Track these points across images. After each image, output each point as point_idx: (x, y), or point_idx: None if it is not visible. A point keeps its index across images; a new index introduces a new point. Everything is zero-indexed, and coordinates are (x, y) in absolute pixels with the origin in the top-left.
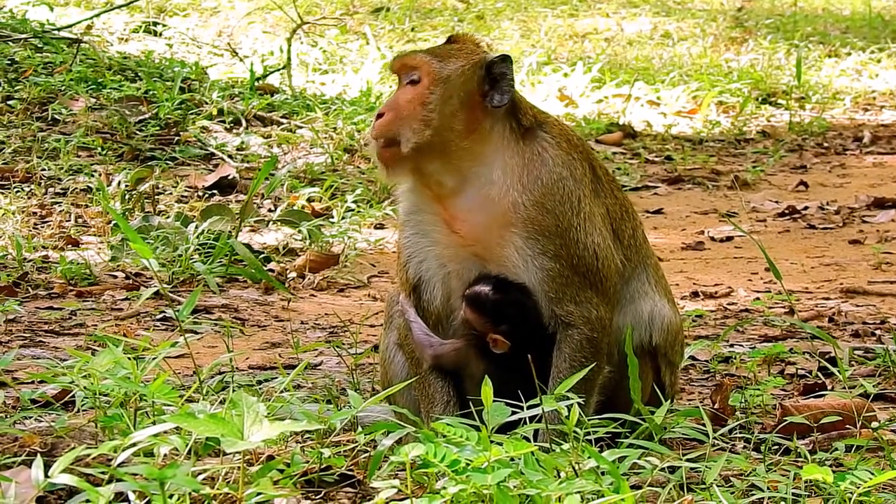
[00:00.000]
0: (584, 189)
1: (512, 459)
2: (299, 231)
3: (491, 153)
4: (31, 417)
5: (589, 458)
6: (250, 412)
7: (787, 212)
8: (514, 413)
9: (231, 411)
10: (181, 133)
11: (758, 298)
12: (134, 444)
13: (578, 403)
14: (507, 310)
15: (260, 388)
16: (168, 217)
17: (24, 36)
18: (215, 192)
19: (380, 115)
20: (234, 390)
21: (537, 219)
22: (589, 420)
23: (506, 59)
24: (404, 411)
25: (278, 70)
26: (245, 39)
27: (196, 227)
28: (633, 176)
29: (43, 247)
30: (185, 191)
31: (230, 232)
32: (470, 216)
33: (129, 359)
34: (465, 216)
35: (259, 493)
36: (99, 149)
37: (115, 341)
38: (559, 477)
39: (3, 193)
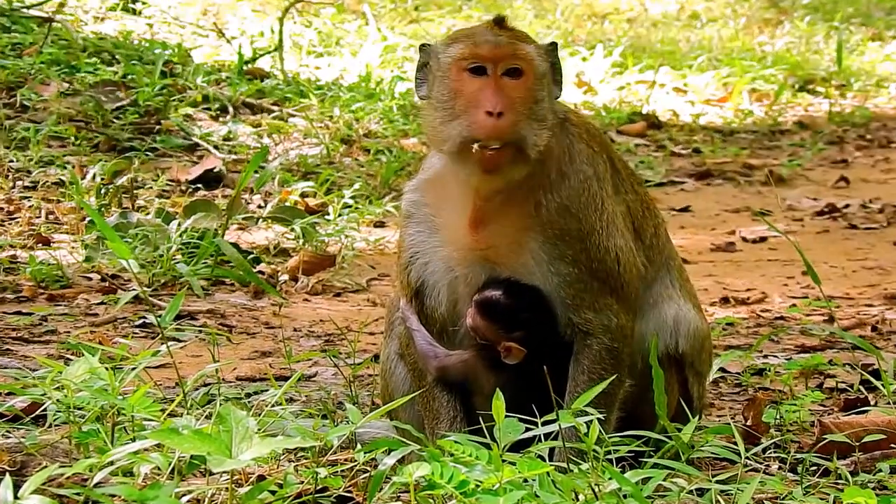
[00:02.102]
0: (606, 188)
1: (525, 480)
2: (292, 229)
3: None
4: None
5: (610, 479)
6: (239, 428)
7: (826, 210)
8: (527, 430)
9: (218, 427)
10: (162, 121)
11: (794, 305)
12: (112, 463)
13: (598, 419)
14: (520, 315)
15: (249, 402)
16: (148, 214)
17: None
18: (200, 186)
19: (499, 114)
20: (220, 404)
21: (559, 222)
22: (610, 437)
23: (556, 48)
24: (407, 427)
25: (269, 53)
26: (232, 19)
27: (179, 225)
28: (657, 170)
29: (11, 246)
30: (167, 185)
31: (216, 230)
32: (495, 217)
33: (105, 369)
34: (491, 217)
35: None
36: (72, 138)
37: (91, 350)
38: (577, 500)
39: None
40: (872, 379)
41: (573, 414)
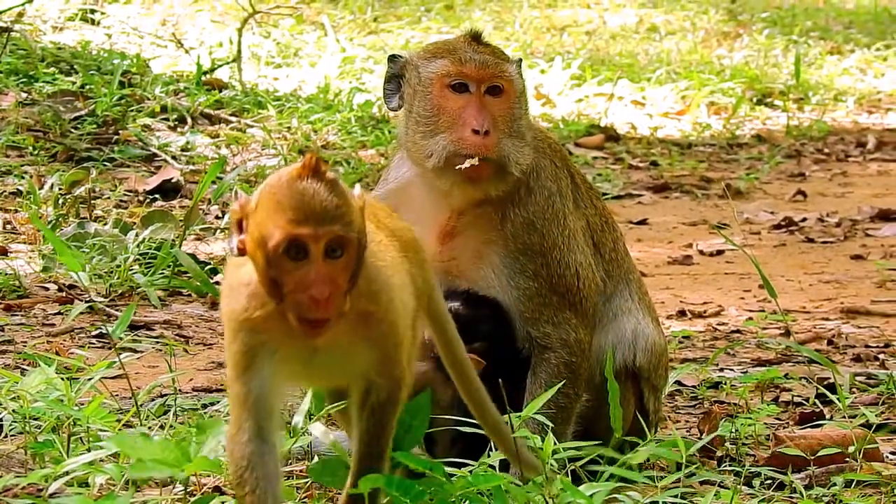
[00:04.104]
0: (568, 204)
1: (480, 493)
2: None
3: None
4: None
5: (564, 491)
6: (199, 439)
7: (783, 224)
8: (483, 441)
9: (173, 437)
10: (120, 132)
11: (750, 318)
12: (67, 473)
13: (554, 433)
14: (479, 326)
15: (205, 412)
16: (105, 224)
17: None
18: (157, 196)
19: (485, 133)
20: (176, 414)
21: (523, 237)
22: (566, 449)
23: (521, 64)
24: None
25: (228, 63)
26: (191, 29)
27: (136, 235)
28: (615, 183)
29: None
30: (125, 195)
31: (173, 240)
32: (462, 230)
33: (62, 379)
34: (459, 230)
35: None
36: (30, 148)
37: (47, 360)
38: None
39: None
40: (828, 393)
41: (526, 424)
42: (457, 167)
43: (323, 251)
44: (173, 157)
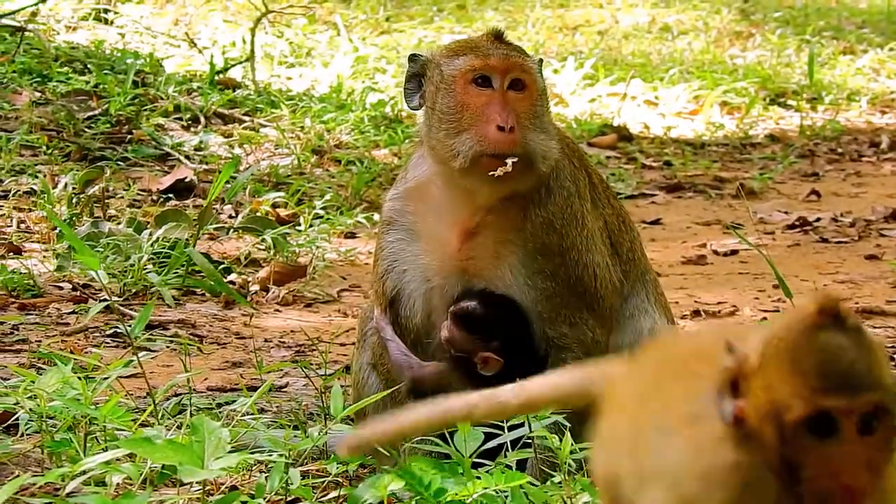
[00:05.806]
0: (586, 204)
1: (497, 492)
2: (263, 240)
3: None
4: None
5: (582, 491)
6: (210, 438)
7: (797, 224)
8: (493, 439)
9: (190, 437)
10: (134, 131)
11: (765, 318)
12: (84, 472)
13: (571, 433)
14: (497, 325)
15: (220, 412)
16: (119, 223)
17: None
18: (171, 196)
19: (510, 129)
20: (192, 414)
21: (542, 237)
22: (583, 449)
23: (541, 64)
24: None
25: (241, 63)
26: (204, 29)
27: (150, 235)
28: (628, 183)
29: None
30: (139, 194)
31: (187, 240)
32: (482, 229)
33: (78, 378)
34: (480, 229)
35: None
36: (44, 147)
37: (63, 359)
38: None
39: None
40: None
41: (546, 426)
42: (489, 173)
43: (858, 427)
44: (187, 157)
